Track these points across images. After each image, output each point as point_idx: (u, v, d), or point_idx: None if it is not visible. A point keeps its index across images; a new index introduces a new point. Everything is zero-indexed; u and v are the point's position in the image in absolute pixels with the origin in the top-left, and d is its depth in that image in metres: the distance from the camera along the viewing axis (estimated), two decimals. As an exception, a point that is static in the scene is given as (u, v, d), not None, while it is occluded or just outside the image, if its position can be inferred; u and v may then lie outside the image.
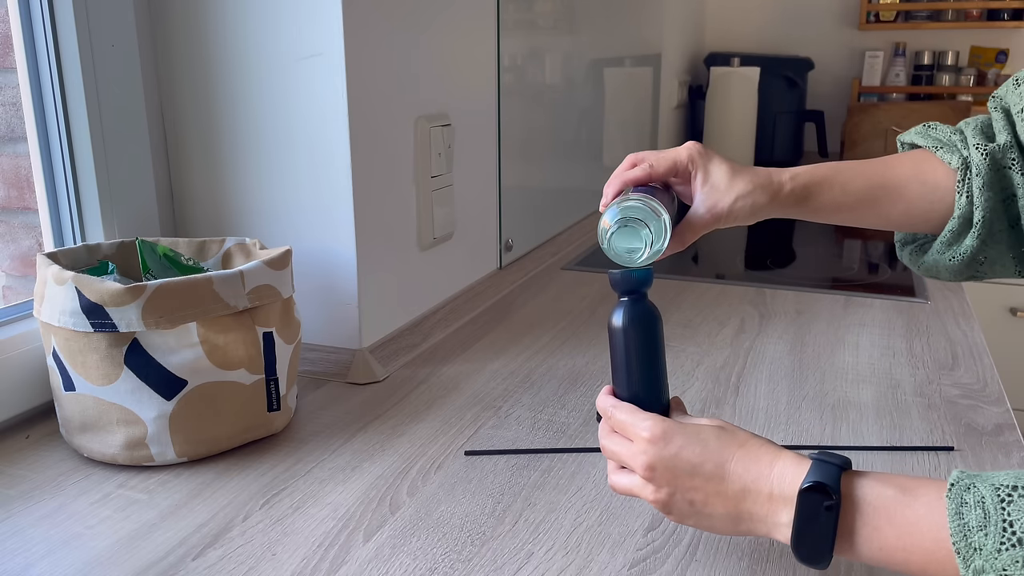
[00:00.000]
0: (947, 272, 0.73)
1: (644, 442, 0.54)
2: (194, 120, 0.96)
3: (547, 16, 1.43)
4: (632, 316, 0.56)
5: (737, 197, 0.69)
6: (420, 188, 1.04)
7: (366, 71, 0.91)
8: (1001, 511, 0.44)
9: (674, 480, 0.53)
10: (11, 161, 0.91)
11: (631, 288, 0.56)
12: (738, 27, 2.82)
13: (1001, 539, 0.43)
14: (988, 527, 0.44)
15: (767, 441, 0.54)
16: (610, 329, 0.57)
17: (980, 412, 0.85)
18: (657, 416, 0.55)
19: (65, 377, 0.73)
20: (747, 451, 0.52)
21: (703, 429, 0.54)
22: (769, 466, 0.51)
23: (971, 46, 2.63)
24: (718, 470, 0.52)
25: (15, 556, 0.62)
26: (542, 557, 0.61)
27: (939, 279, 0.75)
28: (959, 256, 0.70)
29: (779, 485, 0.51)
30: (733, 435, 0.54)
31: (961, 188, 0.68)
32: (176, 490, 0.71)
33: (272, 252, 0.81)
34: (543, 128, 1.45)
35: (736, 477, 0.52)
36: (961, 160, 0.68)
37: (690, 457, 0.53)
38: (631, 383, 0.57)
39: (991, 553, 0.44)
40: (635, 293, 0.56)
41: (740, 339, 1.07)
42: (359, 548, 0.63)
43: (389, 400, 0.89)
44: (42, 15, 0.84)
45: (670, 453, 0.53)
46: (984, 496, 0.45)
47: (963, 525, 0.45)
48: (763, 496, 0.51)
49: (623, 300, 0.57)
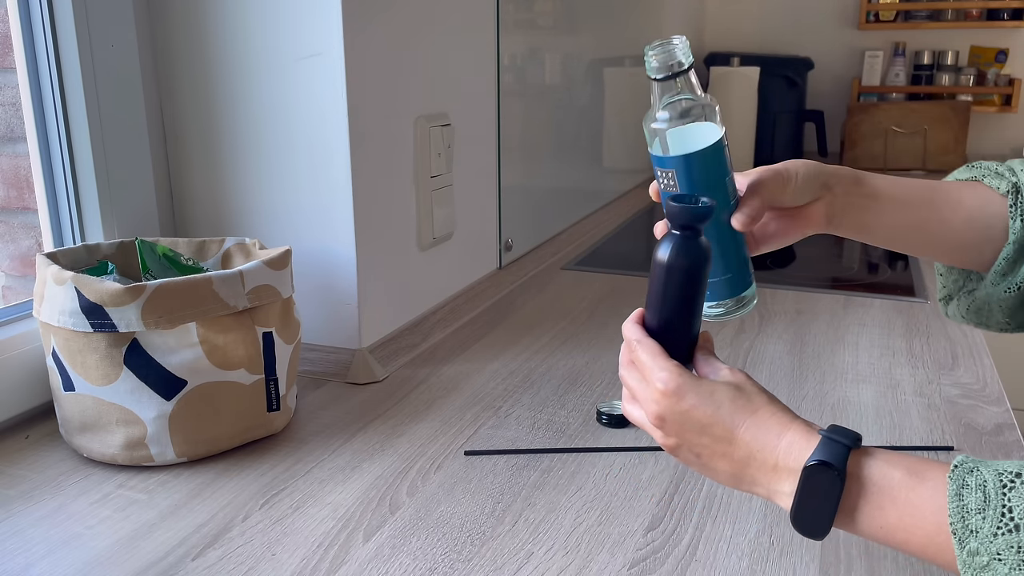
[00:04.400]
0: (1000, 311, 0.69)
1: (658, 392, 0.53)
2: (194, 120, 0.96)
3: (547, 16, 1.43)
4: (683, 252, 0.52)
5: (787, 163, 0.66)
6: (420, 188, 1.04)
7: (366, 71, 0.91)
8: (1002, 496, 0.44)
9: (682, 433, 0.53)
10: (11, 161, 0.91)
11: (688, 222, 0.52)
12: (738, 27, 2.82)
13: (998, 523, 0.43)
14: (987, 511, 0.44)
15: (781, 408, 0.53)
16: (656, 260, 0.53)
17: (980, 412, 0.85)
18: (675, 367, 0.54)
19: (65, 377, 0.73)
20: (757, 419, 0.52)
21: (718, 389, 0.53)
22: (778, 437, 0.51)
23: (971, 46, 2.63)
24: (727, 434, 0.52)
25: (15, 556, 0.62)
26: (542, 557, 0.61)
27: (988, 327, 0.71)
28: (1015, 287, 0.66)
29: (784, 458, 0.50)
30: (748, 400, 0.53)
31: (1014, 212, 0.66)
32: (176, 490, 0.71)
33: (272, 252, 0.81)
34: (543, 128, 1.45)
35: (743, 444, 0.52)
36: (1010, 185, 0.67)
37: (700, 418, 0.52)
38: (663, 319, 0.55)
39: (987, 536, 0.43)
40: (690, 229, 0.53)
41: (740, 339, 1.07)
42: (359, 548, 0.63)
43: (389, 400, 0.89)
44: (42, 15, 0.84)
45: (681, 409, 0.53)
46: (987, 480, 0.45)
47: (962, 507, 0.45)
48: (768, 465, 0.51)
49: (675, 233, 0.53)
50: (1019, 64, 2.59)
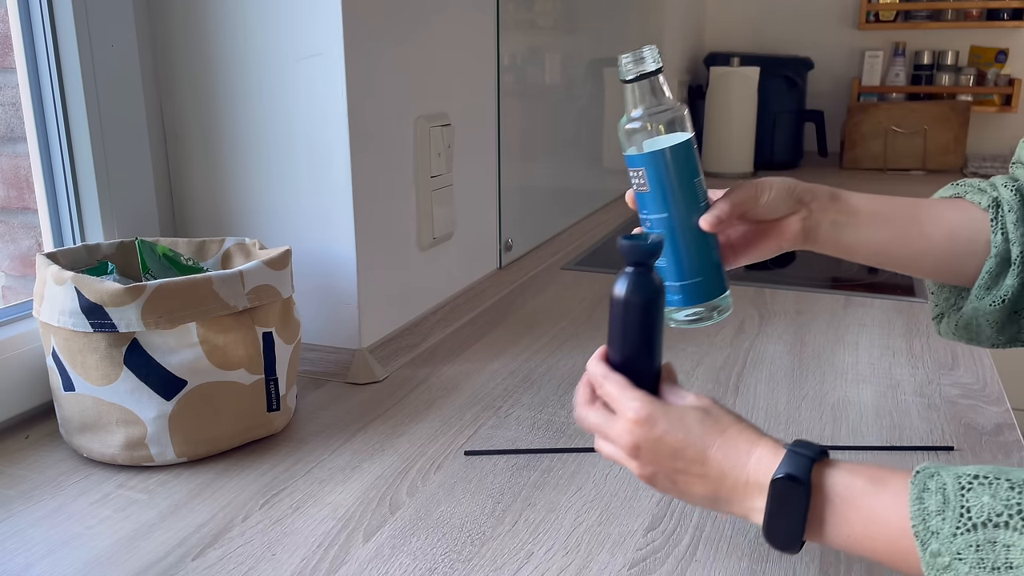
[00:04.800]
0: (988, 326, 0.70)
1: (629, 422, 0.55)
2: (194, 120, 0.96)
3: (547, 16, 1.43)
4: (637, 288, 0.55)
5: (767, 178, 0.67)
6: (420, 188, 1.04)
7: (366, 71, 0.91)
8: (960, 497, 0.45)
9: (658, 460, 0.55)
10: (11, 161, 0.91)
11: (639, 259, 0.55)
12: (738, 27, 2.82)
13: (957, 523, 0.44)
14: (946, 512, 0.45)
15: (748, 427, 0.55)
16: (613, 297, 0.56)
17: (980, 412, 0.85)
18: (644, 396, 0.55)
19: (65, 377, 0.73)
20: (727, 438, 0.54)
21: (687, 413, 0.55)
22: (747, 454, 0.53)
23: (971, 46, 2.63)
24: (699, 456, 0.53)
25: (15, 556, 0.62)
26: (542, 557, 0.61)
27: (979, 342, 0.72)
28: (999, 300, 0.67)
29: (755, 474, 0.52)
30: (717, 420, 0.55)
31: (995, 226, 0.67)
32: (176, 490, 0.71)
33: (272, 252, 0.81)
34: (543, 128, 1.45)
35: (716, 463, 0.53)
36: (991, 200, 0.68)
37: (672, 442, 0.54)
38: (626, 353, 0.57)
39: (947, 537, 0.44)
40: (643, 265, 0.55)
41: (740, 339, 1.07)
42: (359, 548, 0.63)
43: (389, 400, 0.89)
44: (42, 15, 0.84)
45: (654, 436, 0.54)
46: (946, 483, 0.46)
47: (923, 509, 0.46)
48: (740, 483, 0.52)
49: (629, 270, 0.56)
50: (1019, 64, 2.59)
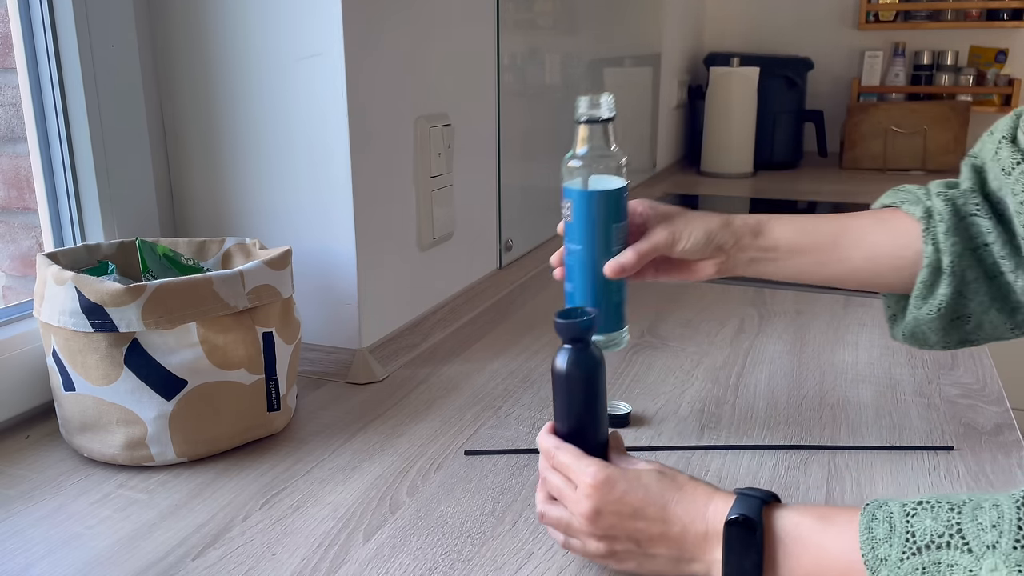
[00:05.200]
0: (932, 333, 0.72)
1: (588, 487, 0.55)
2: (194, 120, 0.96)
3: (547, 16, 1.43)
4: (576, 363, 0.58)
5: (690, 218, 0.73)
6: (420, 188, 1.04)
7: (366, 71, 0.91)
8: (906, 523, 0.46)
9: (620, 523, 0.55)
10: (11, 161, 0.91)
11: (576, 336, 0.58)
12: (738, 27, 2.82)
13: (904, 549, 0.45)
14: (893, 538, 0.46)
15: (703, 483, 0.56)
16: (554, 373, 0.58)
17: (980, 412, 0.85)
18: (600, 461, 0.57)
19: (65, 377, 0.73)
20: (685, 493, 0.55)
21: (643, 473, 0.56)
22: (704, 506, 0.54)
23: (970, 46, 2.63)
24: (660, 513, 0.54)
25: (15, 556, 0.62)
26: (542, 557, 0.61)
27: (930, 347, 0.74)
28: (935, 309, 0.69)
29: (713, 523, 0.53)
30: (672, 478, 0.56)
31: (927, 236, 0.69)
32: (176, 490, 0.71)
33: (272, 252, 0.81)
34: (543, 128, 1.45)
35: (676, 518, 0.54)
36: (924, 209, 0.70)
37: (633, 502, 0.55)
38: (571, 425, 0.59)
39: (895, 563, 0.45)
40: (580, 341, 0.58)
41: (740, 339, 1.07)
42: (359, 548, 0.63)
43: (389, 400, 0.89)
44: (42, 15, 0.84)
45: (614, 497, 0.55)
46: (892, 512, 0.47)
47: (871, 538, 0.47)
48: (700, 535, 0.53)
49: (567, 347, 0.58)
50: (1019, 64, 2.59)
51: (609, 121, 0.69)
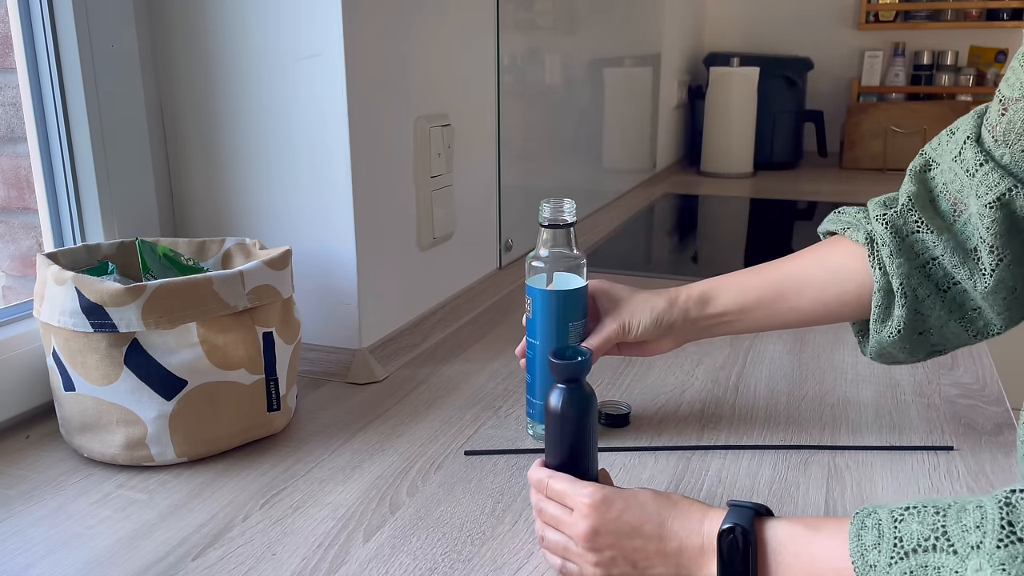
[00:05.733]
0: (899, 351, 0.73)
1: (586, 507, 0.56)
2: (194, 120, 0.96)
3: (547, 16, 1.43)
4: (571, 402, 0.59)
5: (638, 303, 0.76)
6: (420, 188, 1.04)
7: (366, 71, 0.91)
8: (894, 528, 0.47)
9: (617, 542, 0.55)
10: (11, 161, 0.91)
11: (571, 376, 0.60)
12: (738, 27, 2.82)
13: (892, 553, 0.46)
14: (881, 544, 0.46)
15: (697, 500, 0.57)
16: (549, 410, 0.60)
17: (979, 412, 0.85)
18: (595, 483, 0.57)
19: (65, 377, 0.73)
20: (680, 510, 0.55)
21: (638, 493, 0.57)
22: (700, 522, 0.54)
23: (970, 46, 2.63)
24: (657, 530, 0.55)
25: (15, 556, 0.62)
26: (542, 557, 0.61)
27: (900, 363, 0.76)
28: (896, 330, 0.70)
29: (708, 537, 0.54)
30: (668, 496, 0.57)
31: (873, 262, 0.70)
32: (176, 490, 0.71)
33: (272, 252, 0.81)
34: (543, 128, 1.45)
35: (674, 534, 0.54)
36: (866, 235, 0.70)
37: (631, 520, 0.55)
38: (565, 459, 0.60)
39: (884, 568, 0.46)
40: (574, 381, 0.60)
41: (740, 339, 1.07)
42: (359, 548, 0.63)
43: (389, 400, 0.89)
44: (42, 15, 0.84)
45: (612, 516, 0.55)
46: (881, 518, 0.48)
47: (861, 545, 0.47)
48: (696, 549, 0.54)
49: (562, 387, 0.60)
50: (1019, 64, 2.59)
51: (571, 226, 0.74)
